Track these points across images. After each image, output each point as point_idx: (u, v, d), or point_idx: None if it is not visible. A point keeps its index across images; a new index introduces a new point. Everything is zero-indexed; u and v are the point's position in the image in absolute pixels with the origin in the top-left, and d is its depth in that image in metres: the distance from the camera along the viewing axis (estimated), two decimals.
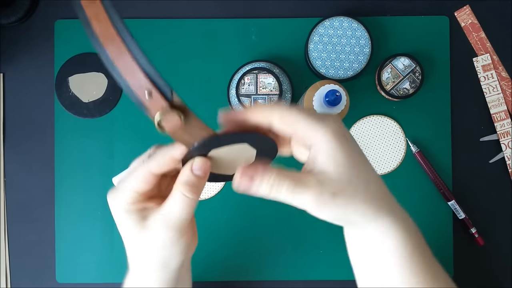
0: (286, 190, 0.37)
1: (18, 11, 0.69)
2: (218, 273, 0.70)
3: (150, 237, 0.40)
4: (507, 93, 0.71)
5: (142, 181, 0.39)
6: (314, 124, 0.37)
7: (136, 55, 0.35)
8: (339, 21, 0.68)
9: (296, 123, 0.37)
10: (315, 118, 0.37)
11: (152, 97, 0.35)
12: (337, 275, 0.70)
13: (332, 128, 0.37)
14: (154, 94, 0.35)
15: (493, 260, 0.71)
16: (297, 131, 0.37)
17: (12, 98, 0.71)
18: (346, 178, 0.37)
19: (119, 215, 0.41)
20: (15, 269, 0.71)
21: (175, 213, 0.39)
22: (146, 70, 0.34)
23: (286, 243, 0.70)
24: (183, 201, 0.38)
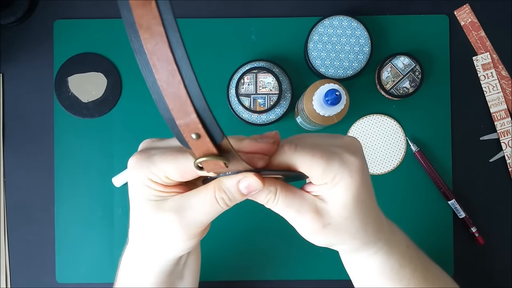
0: (280, 205, 0.36)
1: (17, 11, 0.69)
2: (218, 273, 0.70)
3: (161, 225, 0.36)
4: (507, 92, 0.71)
5: (180, 171, 0.34)
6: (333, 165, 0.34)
7: (193, 91, 0.27)
8: (338, 20, 0.67)
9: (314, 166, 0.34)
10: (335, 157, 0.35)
11: (200, 140, 0.29)
12: (337, 275, 0.70)
13: (351, 169, 0.35)
14: (202, 137, 0.29)
15: (493, 259, 0.71)
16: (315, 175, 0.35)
17: (12, 98, 0.71)
18: (344, 215, 0.36)
19: (137, 186, 0.36)
20: (15, 269, 0.70)
21: (198, 214, 0.35)
22: (200, 109, 0.27)
23: (286, 243, 0.70)
24: (213, 207, 0.35)
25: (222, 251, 0.70)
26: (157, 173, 0.35)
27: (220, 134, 0.29)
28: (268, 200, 0.36)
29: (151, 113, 0.71)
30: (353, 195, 0.35)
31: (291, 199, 0.36)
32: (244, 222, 0.70)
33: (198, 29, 0.71)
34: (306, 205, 0.36)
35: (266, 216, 0.71)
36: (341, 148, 0.36)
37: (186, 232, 0.35)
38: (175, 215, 0.35)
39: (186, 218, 0.35)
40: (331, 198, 0.36)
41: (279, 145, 0.35)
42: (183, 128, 0.28)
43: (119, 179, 0.69)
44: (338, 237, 0.37)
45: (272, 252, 0.70)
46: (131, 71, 0.71)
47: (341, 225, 0.36)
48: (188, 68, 0.27)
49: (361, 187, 0.36)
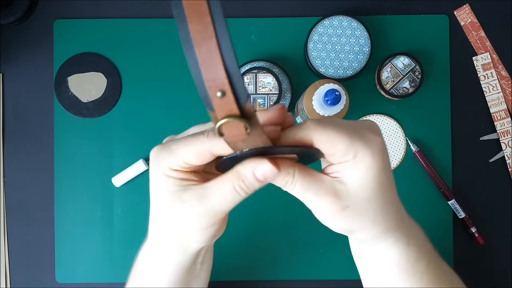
0: (298, 188, 0.36)
1: (17, 11, 0.69)
2: (218, 273, 0.70)
3: (182, 214, 0.36)
4: (507, 92, 0.71)
5: (197, 154, 0.35)
6: (355, 142, 0.34)
7: (223, 44, 0.27)
8: (338, 20, 0.67)
9: (335, 144, 0.34)
10: (356, 135, 0.34)
11: (224, 98, 0.29)
12: (337, 274, 0.70)
13: (373, 149, 0.35)
14: (227, 95, 0.28)
15: (493, 259, 0.71)
16: (336, 151, 0.35)
17: (12, 98, 0.71)
18: (364, 197, 0.36)
19: (158, 177, 0.36)
20: (14, 269, 0.70)
21: (218, 203, 0.35)
22: (228, 65, 0.28)
23: (286, 243, 0.70)
24: (232, 195, 0.35)
25: (222, 251, 0.70)
26: (176, 160, 0.35)
27: (245, 94, 0.29)
28: (286, 182, 0.35)
29: (151, 113, 0.71)
30: (374, 176, 0.35)
31: (309, 182, 0.35)
32: (244, 222, 0.70)
33: None
34: (324, 188, 0.35)
35: (266, 216, 0.71)
36: (363, 129, 0.35)
37: (207, 219, 0.36)
38: (197, 202, 0.35)
39: (207, 206, 0.35)
40: (350, 178, 0.35)
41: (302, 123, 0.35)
42: (210, 83, 0.28)
43: (118, 179, 0.69)
44: (357, 220, 0.36)
45: (272, 252, 0.70)
46: (131, 71, 0.71)
47: (360, 207, 0.36)
48: (222, 23, 0.27)
49: (382, 169, 0.36)
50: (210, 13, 0.27)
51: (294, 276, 0.70)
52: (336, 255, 0.70)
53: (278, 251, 0.70)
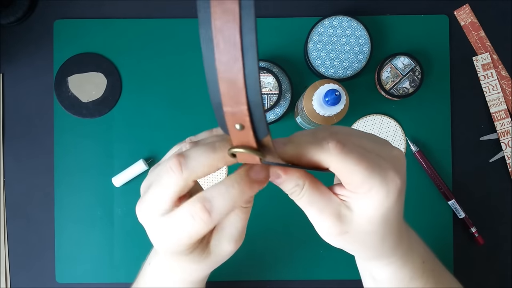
0: (304, 200, 0.35)
1: (17, 11, 0.69)
2: (218, 273, 0.70)
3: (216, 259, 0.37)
4: (507, 92, 0.71)
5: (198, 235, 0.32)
6: (372, 177, 0.32)
7: (249, 78, 0.25)
8: (338, 21, 0.67)
9: (353, 174, 0.32)
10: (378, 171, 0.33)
11: (243, 131, 0.27)
12: (336, 274, 0.70)
13: (390, 189, 0.33)
14: (246, 129, 0.27)
15: (493, 259, 0.71)
16: (352, 181, 0.33)
17: (12, 98, 0.71)
18: (367, 230, 0.35)
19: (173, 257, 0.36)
20: (14, 270, 0.70)
21: (241, 226, 0.35)
22: (252, 101, 0.25)
23: (286, 243, 0.70)
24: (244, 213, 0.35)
25: None
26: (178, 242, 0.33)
27: (265, 131, 0.27)
28: (293, 192, 0.34)
29: (151, 113, 0.71)
30: (382, 213, 0.34)
31: (317, 197, 0.34)
32: None
33: (198, 29, 0.70)
34: (330, 208, 0.34)
35: (266, 216, 0.71)
36: (387, 163, 0.34)
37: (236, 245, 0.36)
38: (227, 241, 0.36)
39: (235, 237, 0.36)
40: (358, 209, 0.34)
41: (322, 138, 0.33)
42: (229, 116, 0.26)
43: (119, 179, 0.69)
44: (353, 246, 0.36)
45: (272, 252, 0.70)
46: (131, 71, 0.71)
47: (359, 237, 0.35)
48: (254, 58, 0.24)
49: (393, 207, 0.34)
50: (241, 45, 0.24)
51: (294, 276, 0.70)
52: (336, 255, 0.70)
53: (278, 251, 0.70)
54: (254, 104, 0.25)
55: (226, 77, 0.25)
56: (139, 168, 0.69)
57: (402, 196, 0.35)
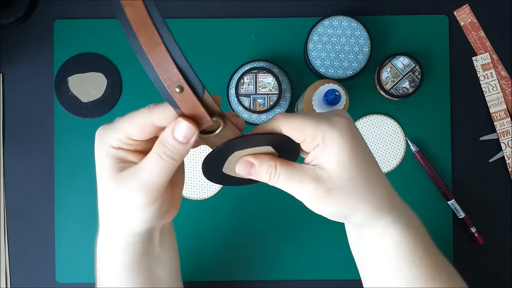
0: (282, 178, 0.37)
1: (18, 11, 0.69)
2: (217, 273, 0.70)
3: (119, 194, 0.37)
4: (506, 92, 0.71)
5: (138, 127, 0.36)
6: (321, 125, 0.36)
7: (170, 47, 0.32)
8: (338, 21, 0.68)
9: (303, 128, 0.36)
10: (323, 119, 0.37)
11: (184, 93, 0.33)
12: (336, 274, 0.70)
13: (339, 129, 0.36)
14: (185, 89, 0.33)
15: (493, 259, 0.71)
16: (305, 135, 0.37)
17: (12, 98, 0.71)
18: (346, 176, 0.37)
19: (99, 156, 0.37)
20: (15, 269, 0.71)
21: (149, 175, 0.36)
22: (179, 64, 0.33)
23: (286, 243, 0.70)
24: (160, 164, 0.35)
25: (221, 251, 0.70)
26: (118, 136, 0.37)
27: (200, 85, 0.33)
28: (270, 174, 0.37)
29: None
30: (348, 154, 0.36)
31: (292, 171, 0.37)
32: (243, 222, 0.70)
33: (198, 29, 0.71)
34: (307, 175, 0.37)
35: (266, 216, 0.71)
36: (328, 115, 0.38)
37: (144, 197, 0.36)
38: (130, 180, 0.36)
39: (140, 182, 0.36)
40: (327, 162, 0.37)
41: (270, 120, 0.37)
42: (168, 83, 0.33)
43: None
44: (346, 202, 0.37)
45: (272, 252, 0.70)
46: (131, 71, 0.71)
47: (345, 188, 0.37)
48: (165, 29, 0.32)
49: (355, 146, 0.37)
50: (154, 24, 0.31)
51: (294, 276, 0.70)
52: (336, 255, 0.70)
53: (278, 251, 0.70)
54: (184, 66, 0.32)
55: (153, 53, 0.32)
56: None
57: (358, 135, 0.38)
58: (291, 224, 0.70)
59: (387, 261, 0.42)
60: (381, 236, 0.41)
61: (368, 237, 0.42)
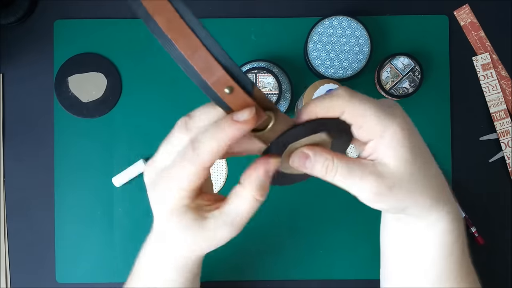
0: (340, 173, 0.35)
1: (18, 11, 0.69)
2: (218, 273, 0.70)
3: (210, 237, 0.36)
4: (506, 92, 0.71)
5: (193, 178, 0.33)
6: (383, 118, 0.35)
7: (212, 48, 0.31)
8: (338, 21, 0.68)
9: (365, 116, 0.35)
10: (383, 111, 0.35)
11: (234, 92, 0.31)
12: (337, 275, 0.70)
13: (399, 123, 0.35)
14: (235, 88, 0.31)
15: (493, 259, 0.71)
16: (366, 124, 0.35)
17: (12, 98, 0.71)
18: (407, 171, 0.36)
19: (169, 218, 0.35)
20: (15, 269, 0.70)
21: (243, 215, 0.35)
22: (224, 63, 0.31)
23: (286, 243, 0.70)
24: (254, 205, 0.35)
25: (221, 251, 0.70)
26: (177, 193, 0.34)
27: (249, 81, 0.31)
28: (327, 168, 0.35)
29: (151, 113, 0.71)
30: (410, 149, 0.35)
31: (351, 165, 0.35)
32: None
33: None
34: (367, 169, 0.35)
35: (266, 216, 0.71)
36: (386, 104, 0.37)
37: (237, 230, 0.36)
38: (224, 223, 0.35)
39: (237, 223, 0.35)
40: (388, 158, 0.35)
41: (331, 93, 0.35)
42: (216, 86, 0.31)
43: (119, 179, 0.69)
44: (406, 197, 0.36)
45: (272, 252, 0.70)
46: (131, 71, 0.71)
47: (407, 183, 0.36)
48: (200, 27, 0.30)
49: (415, 141, 0.36)
50: (188, 26, 0.30)
51: (294, 276, 0.70)
52: (336, 255, 0.70)
53: (278, 251, 0.70)
54: (228, 65, 0.31)
55: (196, 57, 0.30)
56: (139, 168, 0.69)
57: (414, 127, 0.37)
58: (291, 225, 0.70)
59: (430, 252, 0.42)
60: (430, 227, 0.40)
61: (414, 229, 0.41)
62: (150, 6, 0.29)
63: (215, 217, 0.35)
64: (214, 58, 0.31)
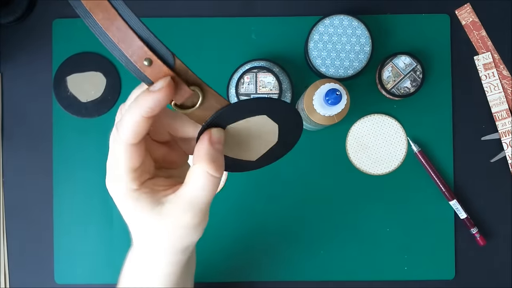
0: None
1: (16, 11, 0.69)
2: (217, 274, 0.70)
3: (171, 224, 0.34)
4: (508, 92, 0.70)
5: (125, 159, 0.33)
6: None
7: (129, 19, 0.31)
8: (339, 20, 0.67)
9: None
10: None
11: (153, 65, 0.31)
12: (337, 275, 0.70)
13: None
14: (154, 60, 0.31)
15: (494, 260, 0.71)
16: None
17: (10, 98, 0.71)
18: None
19: (124, 204, 0.35)
20: (13, 270, 0.70)
21: (202, 196, 0.33)
22: (143, 35, 0.31)
23: (286, 244, 0.70)
24: (210, 181, 0.33)
25: (220, 252, 0.70)
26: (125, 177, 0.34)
27: (169, 54, 0.31)
28: None
29: None
30: None
31: None
32: (244, 223, 0.70)
33: (198, 29, 0.70)
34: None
35: (266, 217, 0.70)
36: None
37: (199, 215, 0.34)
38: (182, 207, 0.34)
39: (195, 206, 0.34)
40: None
41: None
42: (134, 58, 0.31)
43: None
44: None
45: (272, 253, 0.70)
46: None
47: None
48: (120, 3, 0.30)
49: None
50: None
51: (294, 277, 0.70)
52: (336, 256, 0.70)
53: (278, 252, 0.70)
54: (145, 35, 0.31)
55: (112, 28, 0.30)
56: None
57: None
58: (291, 225, 0.70)
59: None
60: None
61: None
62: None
63: (172, 201, 0.34)
64: (132, 29, 0.30)
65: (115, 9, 0.30)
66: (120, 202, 0.35)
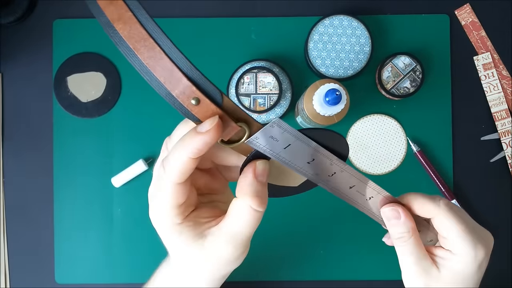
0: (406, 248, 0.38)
1: (17, 11, 0.69)
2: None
3: (213, 256, 0.34)
4: (507, 92, 0.71)
5: (171, 196, 0.32)
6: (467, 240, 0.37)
7: (175, 57, 0.29)
8: (339, 20, 0.67)
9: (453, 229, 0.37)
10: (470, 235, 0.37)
11: (201, 103, 0.30)
12: (337, 275, 0.70)
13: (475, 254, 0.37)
14: (201, 99, 0.30)
15: (493, 260, 0.71)
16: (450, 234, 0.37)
17: (11, 98, 0.71)
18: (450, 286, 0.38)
19: (168, 236, 0.34)
20: (14, 270, 0.70)
21: (243, 230, 0.33)
22: (189, 74, 0.29)
23: (286, 244, 0.70)
24: (252, 216, 0.33)
25: None
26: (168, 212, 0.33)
27: (217, 92, 0.30)
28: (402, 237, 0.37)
29: (150, 113, 0.70)
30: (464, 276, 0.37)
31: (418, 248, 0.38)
32: None
33: (198, 29, 0.70)
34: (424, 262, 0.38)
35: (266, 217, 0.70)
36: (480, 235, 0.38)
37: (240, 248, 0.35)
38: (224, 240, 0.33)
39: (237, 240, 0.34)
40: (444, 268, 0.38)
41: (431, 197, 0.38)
42: (181, 97, 0.30)
43: (118, 179, 0.69)
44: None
45: (272, 253, 0.70)
46: (130, 70, 0.70)
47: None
48: (164, 37, 0.29)
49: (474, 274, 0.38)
50: (150, 36, 0.29)
51: (294, 277, 0.70)
52: (336, 256, 0.70)
53: (278, 252, 0.70)
54: (191, 72, 0.29)
55: (157, 66, 0.29)
56: (139, 168, 0.69)
57: (483, 269, 0.38)
58: (292, 226, 0.70)
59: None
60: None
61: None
62: (110, 12, 0.28)
63: (214, 234, 0.34)
64: (178, 69, 0.29)
65: (159, 45, 0.29)
66: (163, 234, 0.35)
